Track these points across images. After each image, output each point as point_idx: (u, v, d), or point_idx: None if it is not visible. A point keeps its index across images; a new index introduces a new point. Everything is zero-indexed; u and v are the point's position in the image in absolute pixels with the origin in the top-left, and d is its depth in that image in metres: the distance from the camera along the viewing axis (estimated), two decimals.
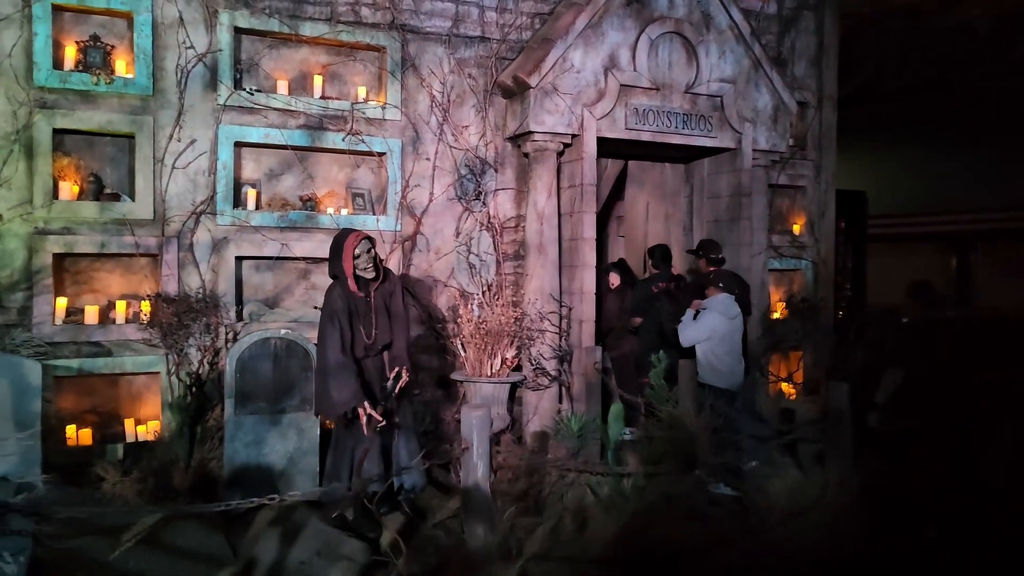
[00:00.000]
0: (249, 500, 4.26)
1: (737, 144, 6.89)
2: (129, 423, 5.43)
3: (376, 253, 4.50)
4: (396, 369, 4.48)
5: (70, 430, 5.22)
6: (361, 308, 4.51)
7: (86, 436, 5.26)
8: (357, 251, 4.40)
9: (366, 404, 4.25)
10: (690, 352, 5.90)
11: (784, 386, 7.73)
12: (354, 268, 4.42)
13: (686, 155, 7.32)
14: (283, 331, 5.14)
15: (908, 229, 11.99)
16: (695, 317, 5.79)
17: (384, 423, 4.35)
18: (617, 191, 8.11)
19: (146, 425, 5.48)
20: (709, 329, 5.66)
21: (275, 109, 5.76)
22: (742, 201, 6.99)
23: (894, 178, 12.38)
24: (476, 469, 3.49)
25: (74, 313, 5.32)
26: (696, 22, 6.68)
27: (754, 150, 6.96)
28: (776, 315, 7.71)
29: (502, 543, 3.31)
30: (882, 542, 4.07)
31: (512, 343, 6.08)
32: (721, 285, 5.82)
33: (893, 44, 12.05)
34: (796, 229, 7.95)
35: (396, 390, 4.44)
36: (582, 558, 3.64)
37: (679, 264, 7.17)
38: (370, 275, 4.48)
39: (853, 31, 12.88)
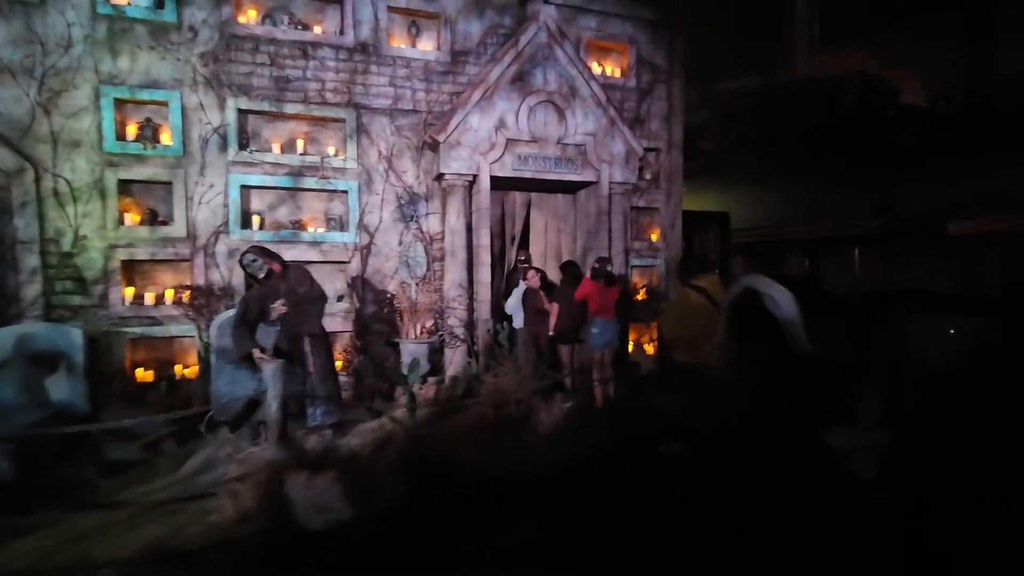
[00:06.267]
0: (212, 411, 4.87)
1: (597, 178, 7.42)
2: (178, 367, 6.24)
3: (261, 262, 4.67)
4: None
5: (139, 372, 6.06)
6: (269, 294, 4.70)
7: (148, 376, 6.07)
8: (243, 262, 4.70)
9: (254, 351, 4.48)
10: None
11: (646, 346, 8.26)
12: (245, 272, 4.82)
13: (569, 187, 7.74)
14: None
15: (765, 237, 12.18)
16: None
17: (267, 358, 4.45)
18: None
19: (189, 368, 6.27)
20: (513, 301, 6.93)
21: (268, 163, 6.54)
22: (602, 218, 7.53)
23: (758, 201, 12.61)
24: (271, 406, 3.81)
25: (138, 298, 6.14)
26: (565, 93, 7.20)
27: (611, 182, 7.45)
28: (639, 297, 8.23)
29: (298, 454, 3.50)
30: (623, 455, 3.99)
31: (431, 316, 6.75)
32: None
33: (762, 108, 12.41)
34: (654, 237, 8.43)
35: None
36: (369, 467, 3.69)
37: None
38: (259, 276, 4.69)
39: (746, 101, 13.28)
